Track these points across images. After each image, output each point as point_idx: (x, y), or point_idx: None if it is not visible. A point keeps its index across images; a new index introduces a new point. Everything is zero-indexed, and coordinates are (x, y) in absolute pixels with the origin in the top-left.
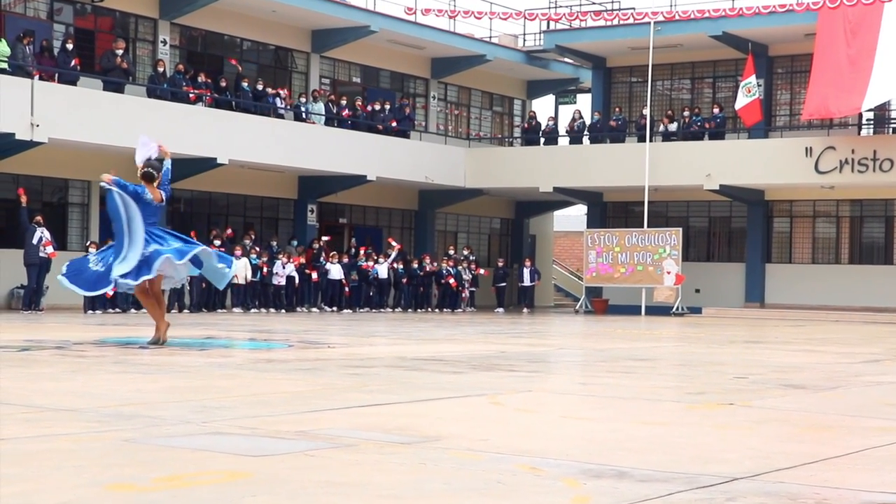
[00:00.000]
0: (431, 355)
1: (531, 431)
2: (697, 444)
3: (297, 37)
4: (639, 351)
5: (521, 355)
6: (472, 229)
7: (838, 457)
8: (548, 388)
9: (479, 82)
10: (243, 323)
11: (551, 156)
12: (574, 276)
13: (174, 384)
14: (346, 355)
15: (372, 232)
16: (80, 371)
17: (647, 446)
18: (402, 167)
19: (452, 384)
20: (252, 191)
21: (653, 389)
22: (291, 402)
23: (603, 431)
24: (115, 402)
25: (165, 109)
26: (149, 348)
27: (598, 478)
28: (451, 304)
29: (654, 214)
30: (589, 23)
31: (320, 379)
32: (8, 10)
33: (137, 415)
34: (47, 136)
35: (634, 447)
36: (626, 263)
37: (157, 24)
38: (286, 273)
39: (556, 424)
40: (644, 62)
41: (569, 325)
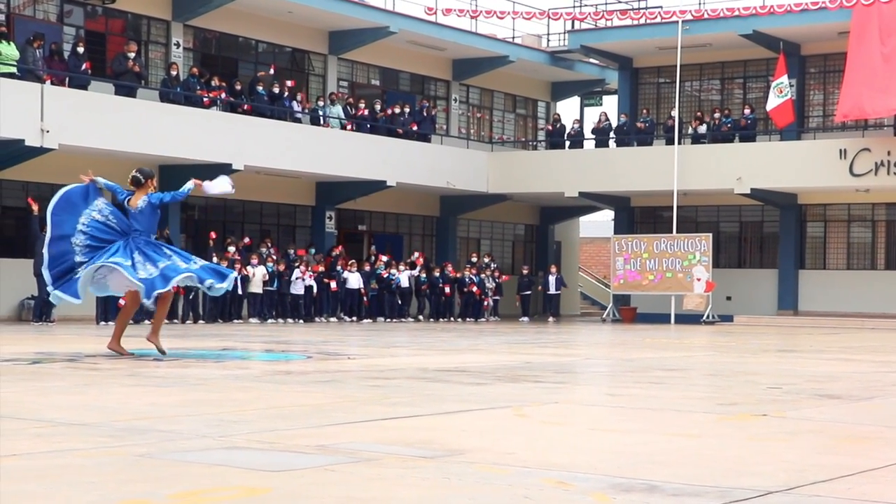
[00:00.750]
0: (454, 366)
1: (558, 444)
2: (730, 456)
3: (314, 38)
4: (668, 361)
5: (547, 366)
6: (496, 236)
7: (876, 469)
8: (575, 400)
9: (502, 84)
10: (260, 333)
11: (576, 160)
12: (601, 283)
13: (189, 397)
14: (366, 367)
15: (392, 239)
16: (93, 384)
17: (678, 459)
18: (422, 172)
19: (476, 396)
20: (268, 197)
21: (683, 400)
22: (310, 415)
23: (632, 444)
24: (128, 415)
25: (179, 114)
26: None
27: (627, 492)
28: (473, 314)
29: (683, 219)
30: (615, 22)
31: (340, 391)
32: (17, 13)
33: (152, 429)
34: (57, 143)
35: (665, 460)
36: (655, 270)
37: (169, 26)
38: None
39: (583, 437)
40: (672, 62)
41: (596, 335)
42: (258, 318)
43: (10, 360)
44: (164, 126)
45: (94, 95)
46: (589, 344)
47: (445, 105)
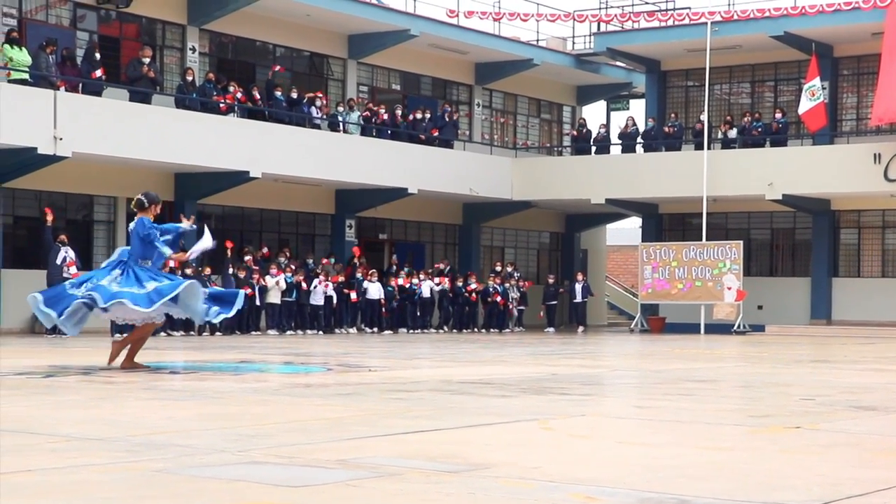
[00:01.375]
0: (478, 378)
1: (585, 458)
2: (762, 470)
3: (333, 42)
4: (698, 372)
5: (574, 377)
6: (520, 244)
7: None
8: (602, 412)
9: (526, 88)
10: (279, 345)
11: (603, 165)
12: (628, 292)
13: (207, 411)
14: (387, 379)
15: (414, 248)
16: (109, 398)
17: (710, 473)
18: (445, 179)
19: (501, 409)
20: (287, 206)
21: (714, 413)
22: (331, 429)
23: (662, 458)
24: (145, 430)
25: (195, 120)
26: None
27: None
28: (498, 324)
29: (713, 227)
30: (642, 24)
31: (361, 404)
32: (29, 18)
33: (169, 444)
34: (71, 151)
35: (696, 474)
36: (684, 279)
37: (185, 31)
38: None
39: (611, 450)
40: (701, 65)
41: (623, 345)
42: (276, 329)
43: (24, 373)
44: (180, 133)
45: (108, 102)
46: (616, 355)
47: (468, 110)
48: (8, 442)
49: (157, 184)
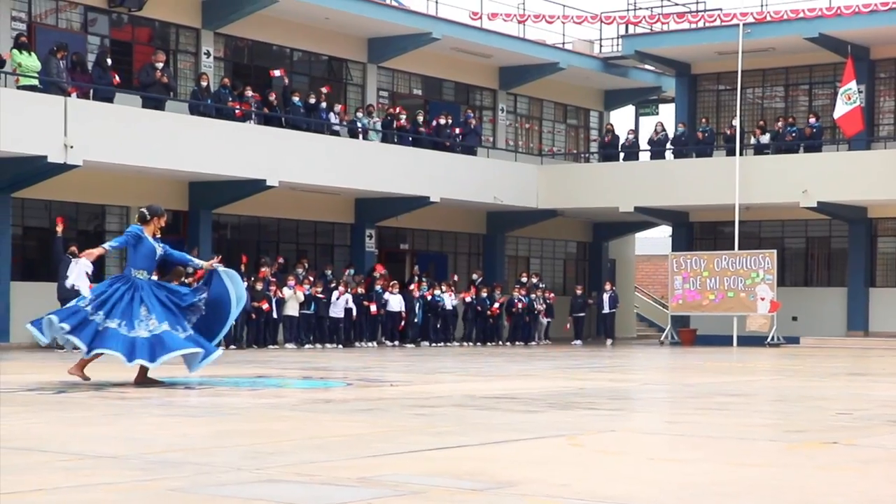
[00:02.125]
0: (503, 393)
1: (615, 475)
2: (798, 486)
3: (353, 46)
4: (731, 385)
5: (602, 391)
6: (546, 254)
7: None
8: (632, 428)
9: (552, 93)
10: (297, 360)
11: (632, 172)
12: (658, 304)
13: (223, 428)
14: (409, 394)
15: (436, 258)
16: (122, 414)
17: (744, 490)
18: (468, 187)
19: (527, 424)
20: (305, 215)
21: (748, 428)
22: (352, 445)
23: (694, 474)
24: (160, 447)
25: (210, 127)
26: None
27: None
28: (523, 337)
29: (745, 235)
30: (671, 26)
31: (383, 420)
32: (39, 22)
33: (185, 462)
34: (82, 159)
35: (729, 491)
36: (716, 289)
37: (199, 35)
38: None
39: (642, 467)
40: (732, 68)
41: (653, 358)
42: (295, 343)
43: (35, 389)
44: (194, 140)
45: (120, 109)
46: (646, 368)
47: (492, 115)
48: (19, 460)
49: (170, 193)
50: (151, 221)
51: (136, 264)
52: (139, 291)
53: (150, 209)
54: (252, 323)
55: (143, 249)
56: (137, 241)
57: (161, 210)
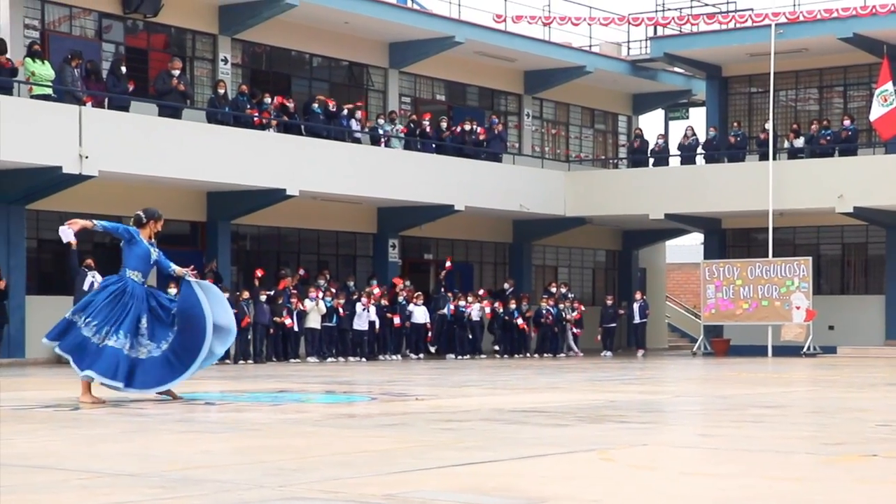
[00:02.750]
0: (532, 406)
1: (648, 490)
2: (837, 501)
3: (373, 51)
4: (766, 397)
5: (634, 404)
6: (574, 263)
7: None
8: (665, 441)
9: (579, 97)
10: (319, 373)
11: (662, 178)
12: (690, 313)
13: (245, 444)
14: (435, 408)
15: (461, 268)
16: (141, 431)
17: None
18: (493, 195)
19: (557, 438)
20: (326, 225)
21: (784, 440)
22: (377, 461)
23: (729, 489)
24: (180, 464)
25: (228, 135)
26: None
27: None
28: (551, 349)
29: (779, 242)
30: (701, 27)
31: (408, 435)
32: (52, 30)
33: (206, 479)
34: (97, 169)
35: None
36: (750, 298)
37: (216, 41)
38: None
39: (675, 482)
40: (765, 70)
41: (686, 369)
42: (316, 356)
43: (52, 405)
44: (212, 149)
45: (135, 117)
46: (678, 380)
47: (517, 121)
48: (37, 478)
49: (188, 203)
50: (147, 225)
51: (130, 265)
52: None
53: (146, 212)
54: (273, 336)
55: (137, 250)
56: (130, 238)
57: (158, 214)
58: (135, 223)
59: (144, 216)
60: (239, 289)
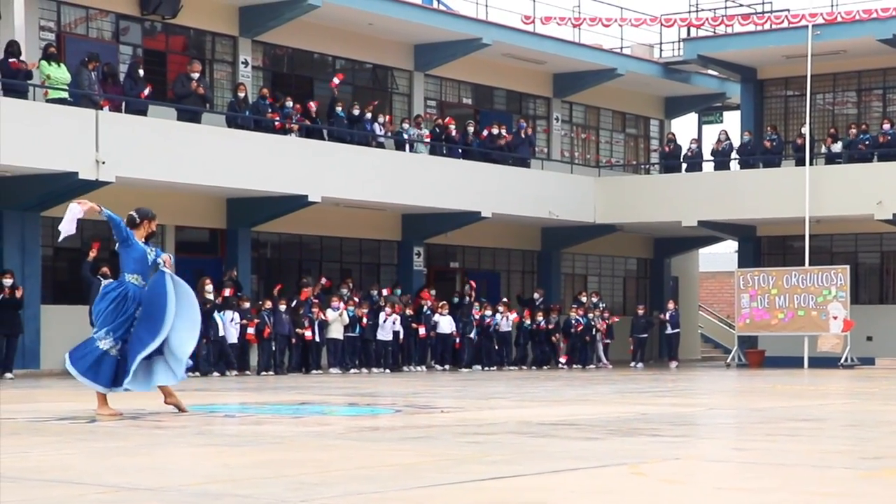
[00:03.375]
0: (561, 419)
1: None
2: None
3: (398, 53)
4: (802, 410)
5: (666, 417)
6: (605, 272)
7: None
8: (698, 455)
9: (610, 100)
10: (342, 385)
11: (695, 184)
12: (724, 323)
13: (266, 457)
14: (461, 421)
15: (488, 277)
16: (159, 444)
17: None
18: (521, 201)
19: (587, 452)
20: (349, 232)
21: (821, 455)
22: (401, 476)
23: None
24: (199, 479)
25: (248, 140)
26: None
27: None
28: (580, 360)
29: (816, 250)
30: (736, 28)
31: (433, 449)
32: (68, 32)
33: (226, 493)
34: (114, 175)
35: None
36: (785, 308)
37: (236, 43)
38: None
39: (709, 497)
40: (801, 72)
41: (719, 381)
42: (339, 367)
43: (67, 418)
44: (232, 155)
45: (153, 122)
46: (712, 392)
47: (546, 125)
48: (53, 493)
49: (207, 210)
50: (141, 225)
51: (128, 268)
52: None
53: (139, 212)
54: (294, 347)
55: (133, 253)
56: (126, 239)
57: (151, 213)
58: (128, 224)
59: (138, 217)
60: (260, 298)
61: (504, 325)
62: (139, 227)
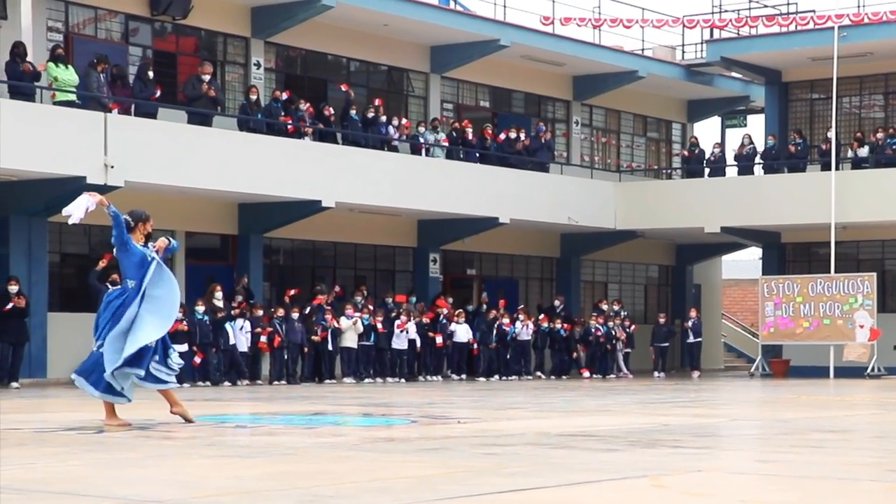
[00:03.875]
0: (581, 430)
1: None
2: None
3: (414, 54)
4: (828, 421)
5: (688, 428)
6: (625, 279)
7: None
8: (721, 467)
9: (631, 104)
10: (356, 395)
11: (718, 189)
12: (747, 332)
13: (278, 469)
14: (479, 431)
15: (506, 284)
16: (168, 455)
17: None
18: (540, 207)
19: (607, 464)
20: (363, 238)
21: (847, 467)
22: (416, 488)
23: None
24: (210, 491)
25: (260, 144)
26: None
27: None
28: (601, 369)
29: (842, 257)
30: (760, 29)
31: (450, 460)
32: (76, 33)
33: None
34: (123, 180)
35: None
36: (811, 316)
37: (248, 44)
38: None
39: None
40: (827, 75)
41: (743, 391)
42: (353, 377)
43: (75, 428)
44: (244, 158)
45: (163, 125)
46: (735, 402)
47: (565, 129)
48: None
49: (218, 215)
50: (136, 228)
51: (129, 274)
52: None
53: (132, 215)
54: (307, 356)
55: (132, 257)
56: (124, 244)
57: (145, 214)
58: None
59: (132, 220)
60: (272, 306)
61: (523, 334)
62: (134, 230)
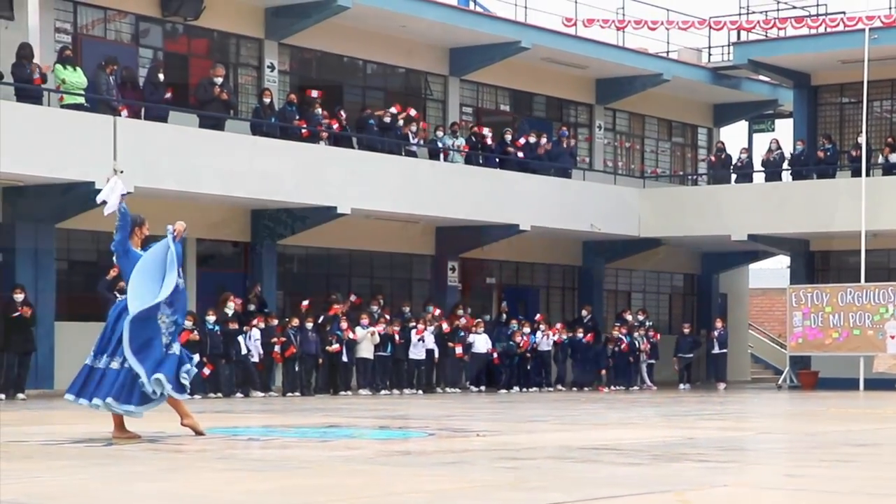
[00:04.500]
0: (603, 443)
1: None
2: None
3: (433, 57)
4: (858, 434)
5: (713, 442)
6: (649, 288)
7: None
8: (748, 482)
9: (655, 107)
10: (372, 407)
11: (745, 196)
12: (775, 343)
13: (292, 483)
14: (498, 445)
15: (526, 293)
16: (179, 469)
17: None
18: (562, 214)
19: (631, 478)
20: (380, 246)
21: (877, 481)
22: (434, 502)
23: None
24: None
25: (274, 149)
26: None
27: None
28: (624, 381)
29: (873, 266)
30: (789, 32)
31: (468, 474)
32: (85, 34)
33: None
34: (133, 185)
35: None
36: (840, 327)
37: (262, 46)
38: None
39: None
40: (858, 78)
41: (770, 404)
42: (369, 388)
43: (83, 441)
44: (257, 163)
45: (175, 128)
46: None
47: (588, 133)
48: None
49: (231, 222)
50: (134, 233)
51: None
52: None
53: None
54: (322, 367)
55: (132, 263)
56: (125, 252)
57: (140, 218)
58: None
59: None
60: (286, 315)
61: (544, 345)
62: (132, 235)
